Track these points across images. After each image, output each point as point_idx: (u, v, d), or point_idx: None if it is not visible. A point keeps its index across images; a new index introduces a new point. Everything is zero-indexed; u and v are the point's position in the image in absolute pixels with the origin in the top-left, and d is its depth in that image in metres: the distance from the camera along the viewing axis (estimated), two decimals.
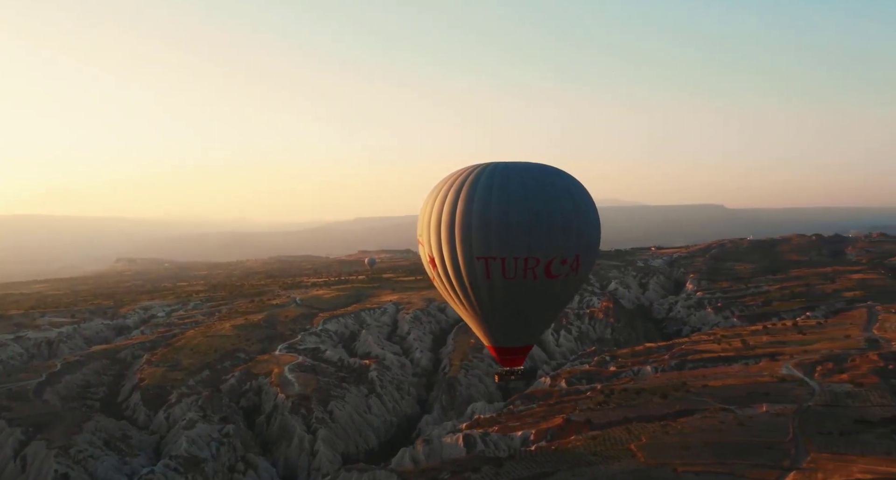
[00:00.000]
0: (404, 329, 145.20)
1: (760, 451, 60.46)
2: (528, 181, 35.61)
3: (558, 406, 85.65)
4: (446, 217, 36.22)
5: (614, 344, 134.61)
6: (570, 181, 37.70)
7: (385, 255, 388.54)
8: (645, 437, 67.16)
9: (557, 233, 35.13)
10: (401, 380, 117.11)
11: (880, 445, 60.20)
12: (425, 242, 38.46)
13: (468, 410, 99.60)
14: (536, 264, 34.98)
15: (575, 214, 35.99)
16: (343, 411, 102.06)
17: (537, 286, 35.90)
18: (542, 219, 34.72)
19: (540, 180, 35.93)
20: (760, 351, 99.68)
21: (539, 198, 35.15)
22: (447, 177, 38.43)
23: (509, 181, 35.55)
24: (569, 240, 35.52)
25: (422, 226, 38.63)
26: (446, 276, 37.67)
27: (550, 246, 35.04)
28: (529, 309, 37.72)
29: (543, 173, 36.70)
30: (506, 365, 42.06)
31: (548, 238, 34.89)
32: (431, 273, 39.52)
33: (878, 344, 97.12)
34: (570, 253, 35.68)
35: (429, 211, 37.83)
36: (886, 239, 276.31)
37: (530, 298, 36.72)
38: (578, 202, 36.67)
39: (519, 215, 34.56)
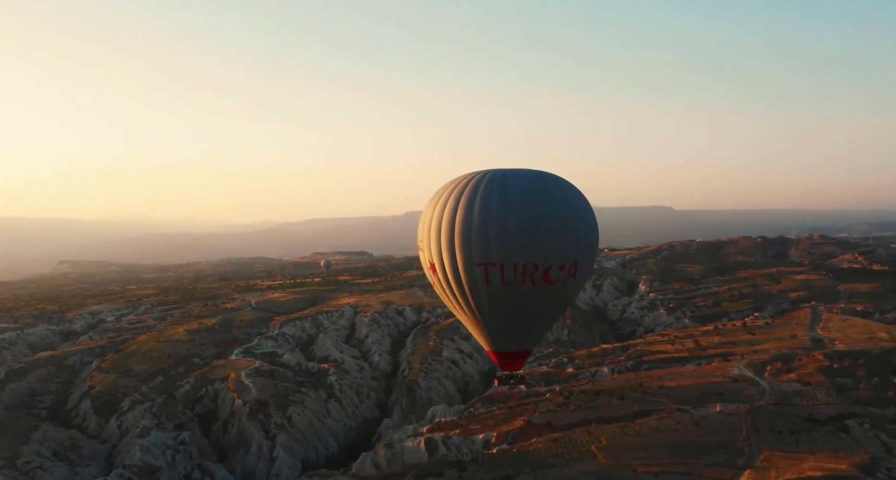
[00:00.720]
0: (362, 332, 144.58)
1: (716, 450, 62.28)
2: (526, 188, 36.14)
3: (518, 408, 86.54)
4: (446, 223, 36.68)
5: (571, 346, 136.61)
6: (568, 188, 38.28)
7: (340, 257, 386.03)
8: (605, 438, 68.49)
9: (555, 239, 35.67)
10: (360, 384, 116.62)
11: (828, 443, 62.69)
12: (425, 248, 38.93)
13: (428, 413, 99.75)
14: (535, 270, 35.47)
15: (573, 221, 36.57)
16: (302, 416, 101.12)
17: (536, 292, 36.41)
18: (539, 226, 35.25)
19: (538, 187, 36.51)
20: (712, 351, 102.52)
21: (537, 205, 35.69)
22: (447, 184, 38.86)
23: (508, 188, 36.03)
24: (566, 246, 36.08)
25: (422, 232, 39.08)
26: (446, 282, 38.09)
27: (548, 252, 35.58)
28: (528, 315, 38.23)
29: (542, 180, 37.28)
30: (505, 369, 42.64)
31: (546, 244, 35.43)
32: (431, 278, 39.95)
33: (822, 344, 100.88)
34: (568, 259, 36.24)
35: (429, 217, 38.22)
36: (826, 240, 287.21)
37: (529, 304, 37.28)
38: (576, 209, 37.28)
39: (517, 222, 35.09)
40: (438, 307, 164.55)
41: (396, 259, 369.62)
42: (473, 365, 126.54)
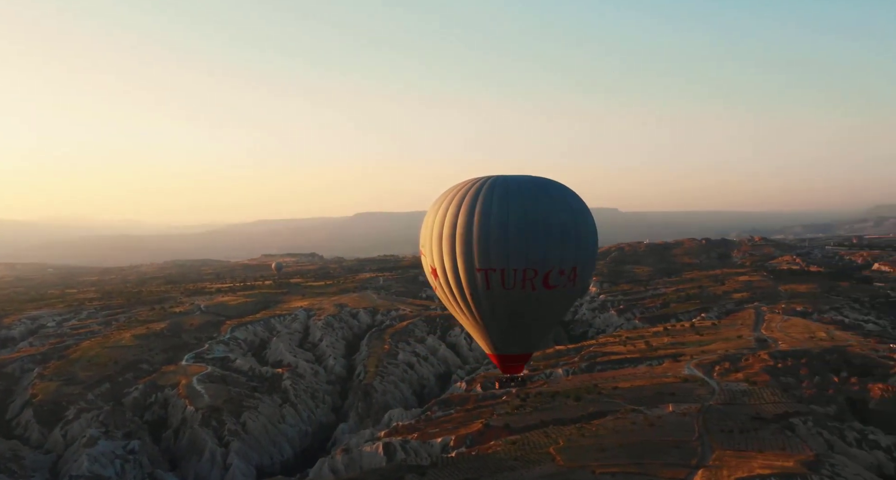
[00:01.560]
0: (316, 335, 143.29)
1: (670, 450, 63.92)
2: (526, 195, 36.75)
3: (476, 411, 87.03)
4: (448, 229, 37.19)
5: None
6: (568, 194, 38.95)
7: (290, 259, 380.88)
8: (562, 440, 69.46)
9: (555, 245, 36.31)
10: (315, 388, 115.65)
11: (775, 441, 65.04)
12: (427, 253, 39.39)
13: (385, 417, 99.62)
14: (535, 275, 36.07)
15: (572, 227, 37.26)
16: (256, 422, 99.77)
17: (536, 296, 36.99)
18: (539, 232, 35.88)
19: (538, 194, 37.15)
20: (663, 352, 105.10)
21: (537, 212, 36.33)
22: (449, 190, 39.36)
23: (508, 194, 36.61)
24: (566, 252, 36.70)
25: (424, 238, 39.59)
26: (448, 286, 38.53)
27: (548, 258, 36.19)
28: (529, 319, 38.79)
29: (542, 187, 37.93)
30: (506, 372, 43.18)
31: (545, 250, 36.05)
32: (433, 283, 40.40)
33: (766, 344, 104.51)
34: (567, 264, 36.88)
35: (430, 223, 38.72)
36: (766, 242, 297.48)
37: (529, 308, 37.83)
38: (576, 215, 38.02)
39: (517, 228, 35.64)
40: (393, 309, 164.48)
41: (348, 261, 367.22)
42: (429, 367, 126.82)
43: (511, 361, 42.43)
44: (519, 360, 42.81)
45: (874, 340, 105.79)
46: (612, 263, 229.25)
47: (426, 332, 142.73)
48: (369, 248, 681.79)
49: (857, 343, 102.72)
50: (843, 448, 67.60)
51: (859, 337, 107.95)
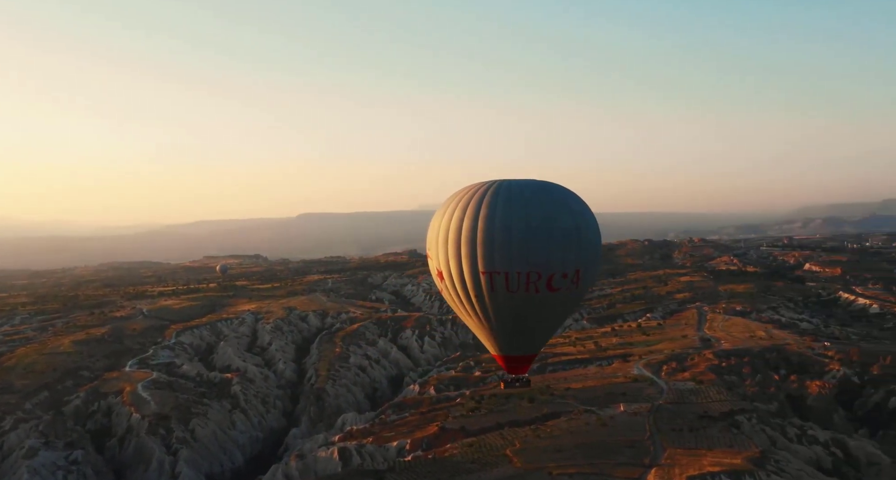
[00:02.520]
0: (265, 339, 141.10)
1: (624, 450, 65.48)
2: (530, 199, 37.40)
3: (431, 413, 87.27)
4: (453, 233, 37.81)
5: (476, 349, 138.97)
6: (571, 198, 39.59)
7: (234, 261, 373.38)
8: (518, 442, 70.30)
9: (557, 249, 37.02)
10: (266, 393, 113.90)
11: (723, 438, 67.36)
12: (433, 256, 40.10)
13: (338, 422, 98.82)
14: (538, 278, 36.78)
15: (575, 231, 37.91)
16: (206, 429, 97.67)
17: (539, 299, 37.69)
18: (542, 236, 36.53)
19: (542, 198, 37.84)
20: (612, 352, 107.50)
21: (540, 216, 36.96)
22: (455, 194, 39.91)
23: (512, 199, 37.21)
24: (568, 255, 37.41)
25: (430, 241, 40.34)
26: (453, 289, 39.26)
27: (551, 261, 36.89)
28: (532, 321, 39.46)
29: (546, 191, 38.62)
30: (511, 372, 43.95)
31: (548, 254, 36.75)
32: (439, 285, 40.99)
33: (710, 343, 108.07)
34: (570, 267, 37.61)
35: (436, 226, 39.39)
36: (705, 243, 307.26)
37: (533, 310, 38.50)
38: (579, 219, 38.68)
39: (520, 233, 36.32)
40: (343, 312, 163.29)
41: (293, 262, 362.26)
42: (381, 370, 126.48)
43: (516, 362, 43.32)
44: (524, 361, 43.67)
45: (809, 338, 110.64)
46: None
47: (377, 335, 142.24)
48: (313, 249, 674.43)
49: (793, 341, 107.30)
50: (784, 443, 70.49)
51: (795, 336, 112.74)
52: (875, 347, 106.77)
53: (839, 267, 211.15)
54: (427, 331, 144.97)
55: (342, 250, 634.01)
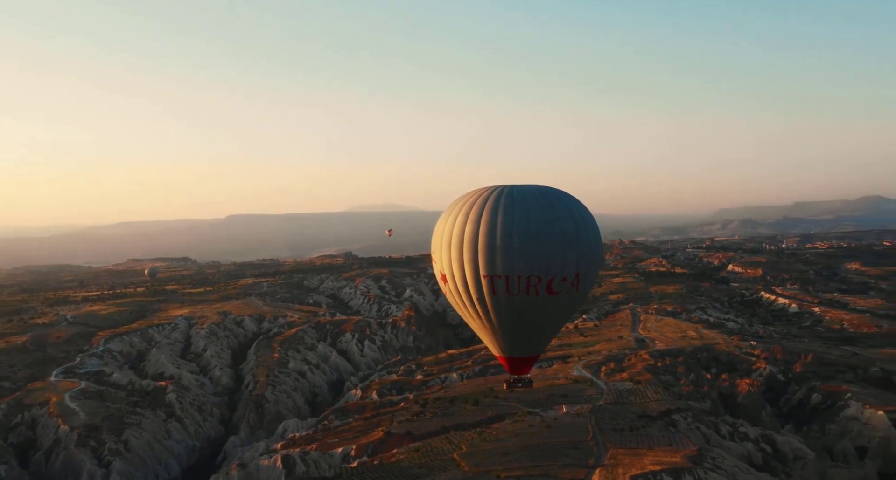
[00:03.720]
0: (199, 345, 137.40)
1: (568, 451, 66.91)
2: (530, 204, 38.19)
3: (375, 419, 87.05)
4: (456, 238, 38.69)
5: (417, 353, 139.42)
6: (572, 203, 40.33)
7: (161, 264, 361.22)
8: (465, 446, 70.89)
9: (557, 254, 37.83)
10: (202, 401, 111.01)
11: (662, 437, 69.71)
12: (437, 259, 41.02)
13: (279, 428, 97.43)
14: (538, 282, 37.70)
15: (575, 236, 38.72)
16: (140, 439, 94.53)
17: (540, 302, 38.56)
18: (542, 241, 37.34)
19: (542, 203, 38.62)
20: (552, 353, 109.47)
21: (540, 221, 37.78)
22: (459, 199, 40.51)
23: (513, 204, 38.01)
24: (568, 260, 38.23)
25: (434, 245, 41.35)
26: (456, 292, 40.19)
27: (551, 265, 37.74)
28: (534, 323, 40.34)
29: (547, 197, 39.44)
30: (514, 373, 45.17)
31: (548, 258, 37.58)
32: (443, 288, 42.04)
33: (645, 344, 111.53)
34: (570, 271, 38.48)
35: (440, 231, 40.26)
36: (635, 245, 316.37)
37: (534, 313, 39.36)
38: (579, 224, 39.45)
39: (521, 238, 37.15)
40: (280, 316, 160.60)
41: (225, 265, 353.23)
42: (321, 375, 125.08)
43: (518, 363, 44.44)
44: (526, 362, 44.87)
45: (737, 338, 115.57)
46: None
47: (316, 339, 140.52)
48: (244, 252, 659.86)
49: (722, 341, 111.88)
50: (718, 440, 73.43)
51: (724, 336, 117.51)
52: (796, 345, 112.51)
53: (760, 269, 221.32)
54: (367, 335, 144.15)
55: (274, 252, 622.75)
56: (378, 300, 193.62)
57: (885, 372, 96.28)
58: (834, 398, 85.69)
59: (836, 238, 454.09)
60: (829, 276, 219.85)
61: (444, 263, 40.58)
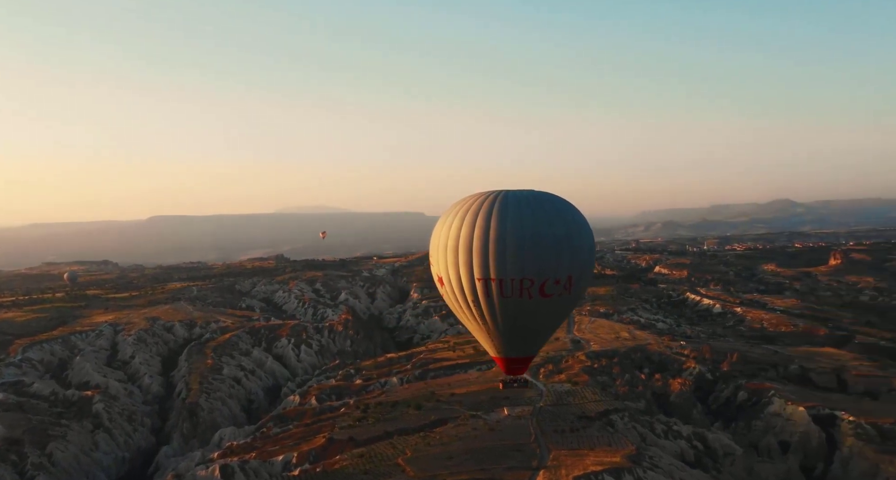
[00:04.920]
0: (127, 352, 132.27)
1: (512, 454, 67.95)
2: (523, 210, 39.12)
3: (316, 425, 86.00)
4: (451, 241, 39.83)
5: (355, 357, 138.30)
6: (564, 208, 41.30)
7: (80, 268, 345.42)
8: (409, 451, 70.99)
9: (549, 257, 38.68)
10: (131, 411, 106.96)
11: (602, 438, 71.66)
12: (434, 263, 42.14)
13: (215, 437, 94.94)
14: (531, 285, 38.67)
15: (566, 240, 39.60)
16: (66, 452, 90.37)
17: (533, 304, 39.49)
18: (534, 245, 38.34)
19: (536, 209, 39.56)
20: (489, 357, 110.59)
21: (532, 225, 38.76)
22: (457, 204, 41.55)
23: (506, 209, 39.00)
24: (560, 263, 39.06)
25: (432, 248, 42.38)
26: (452, 294, 41.39)
27: (542, 268, 38.68)
28: (528, 325, 41.21)
29: (540, 202, 40.42)
30: (509, 373, 45.97)
31: (539, 261, 38.52)
32: (441, 290, 42.97)
33: (580, 345, 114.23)
34: (562, 274, 39.36)
35: (437, 235, 41.46)
36: None
37: (527, 315, 40.27)
38: (571, 228, 40.40)
39: (513, 241, 38.16)
40: (212, 321, 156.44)
41: (149, 268, 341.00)
42: (257, 381, 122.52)
43: (514, 364, 45.18)
44: (521, 363, 45.65)
45: (667, 338, 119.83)
46: (429, 268, 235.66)
47: (251, 345, 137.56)
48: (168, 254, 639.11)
49: (654, 341, 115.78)
50: (653, 439, 76.10)
51: (655, 336, 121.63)
52: (722, 344, 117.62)
53: (685, 270, 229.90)
54: (303, 339, 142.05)
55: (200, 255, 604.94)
56: (313, 304, 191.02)
57: (803, 370, 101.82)
58: (758, 395, 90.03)
59: (751, 240, 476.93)
60: (748, 277, 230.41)
61: (440, 266, 41.63)
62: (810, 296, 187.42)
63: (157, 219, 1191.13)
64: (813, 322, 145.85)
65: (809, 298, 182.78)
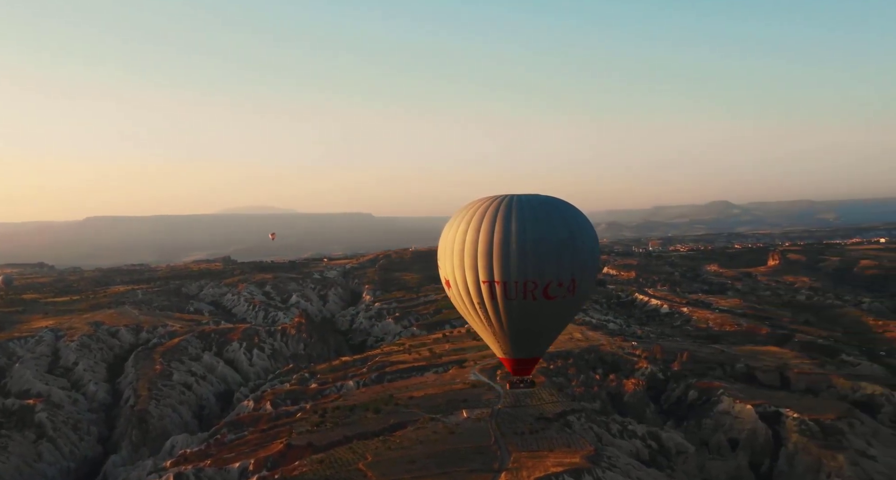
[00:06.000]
0: (70, 359, 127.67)
1: (474, 456, 68.35)
2: (526, 213, 40.21)
3: (273, 430, 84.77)
4: (458, 245, 40.93)
5: (309, 360, 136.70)
6: (568, 212, 42.20)
7: (13, 270, 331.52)
8: (370, 455, 70.65)
9: (551, 260, 39.59)
10: (76, 419, 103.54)
11: (560, 438, 72.78)
12: (441, 266, 43.03)
13: (167, 445, 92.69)
14: (535, 287, 39.63)
15: (570, 242, 40.51)
16: (7, 463, 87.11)
17: (537, 306, 40.38)
18: (537, 248, 39.31)
19: (538, 212, 40.65)
20: (447, 358, 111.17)
21: (535, 228, 39.78)
22: (464, 208, 42.83)
23: (510, 213, 40.16)
24: (563, 265, 39.96)
25: (440, 252, 43.47)
26: (459, 297, 42.35)
27: (546, 271, 39.58)
28: (532, 326, 42.10)
29: (544, 205, 41.61)
30: (516, 374, 46.73)
31: (542, 264, 39.49)
32: (448, 292, 43.94)
33: None
34: (565, 276, 40.19)
35: (444, 238, 42.55)
36: None
37: (532, 317, 41.15)
38: (574, 231, 41.22)
39: (516, 244, 39.26)
40: (160, 326, 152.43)
41: (88, 271, 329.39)
42: (208, 387, 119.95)
43: (520, 364, 46.04)
44: (528, 364, 46.57)
45: (619, 338, 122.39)
46: (382, 271, 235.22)
47: (201, 349, 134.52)
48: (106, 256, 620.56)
49: (606, 342, 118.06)
50: (609, 439, 77.68)
51: (607, 336, 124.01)
52: (671, 344, 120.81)
53: (633, 271, 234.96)
54: (255, 343, 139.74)
55: (140, 256, 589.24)
56: (264, 306, 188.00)
57: (748, 368, 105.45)
58: (708, 394, 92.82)
59: (692, 240, 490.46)
60: (693, 278, 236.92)
61: (447, 269, 42.69)
62: (751, 296, 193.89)
63: (94, 220, 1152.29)
64: (755, 321, 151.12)
65: (751, 298, 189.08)
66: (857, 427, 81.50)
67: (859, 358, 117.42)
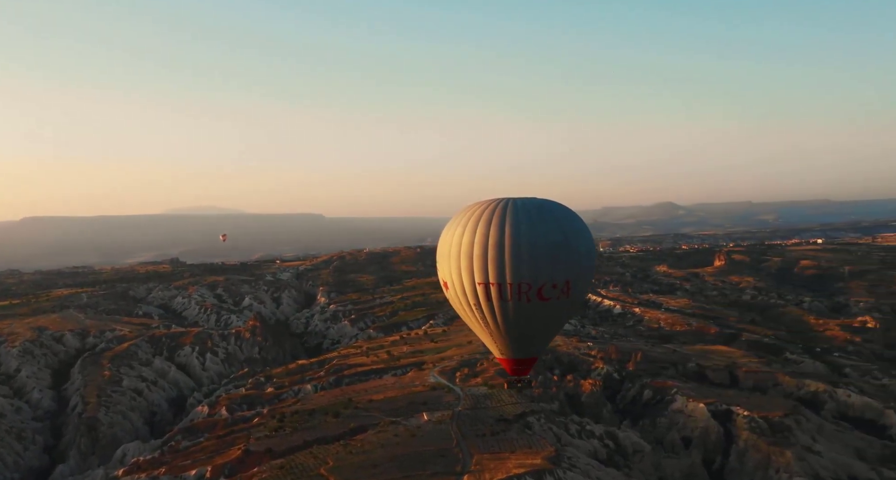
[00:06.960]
0: (11, 365, 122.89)
1: (436, 459, 68.50)
2: (521, 216, 40.92)
3: (230, 436, 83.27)
4: (454, 247, 41.89)
5: (265, 364, 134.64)
6: (563, 215, 42.83)
7: None
8: (331, 460, 70.11)
9: (546, 262, 40.22)
10: (20, 428, 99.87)
11: (521, 440, 73.53)
12: (440, 268, 43.85)
13: (117, 453, 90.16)
14: (529, 289, 40.32)
15: (564, 245, 41.12)
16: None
17: (532, 308, 41.05)
18: (531, 250, 39.97)
19: (532, 215, 41.29)
20: (405, 361, 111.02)
21: (529, 231, 40.41)
22: (462, 211, 43.54)
23: (504, 216, 40.92)
24: (557, 267, 40.55)
25: (438, 255, 44.30)
26: (456, 298, 43.15)
27: (539, 273, 40.19)
28: (528, 328, 42.67)
29: (539, 209, 42.29)
30: (513, 374, 47.40)
31: (536, 266, 40.13)
32: (446, 293, 44.72)
33: None
34: (559, 278, 40.77)
35: (443, 241, 43.47)
36: None
37: (527, 318, 41.78)
38: (568, 234, 41.81)
39: (510, 247, 39.95)
40: (108, 330, 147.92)
41: (28, 273, 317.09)
42: (160, 392, 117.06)
43: (518, 365, 46.58)
44: (525, 364, 47.10)
45: (575, 339, 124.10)
46: (336, 272, 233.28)
47: (151, 354, 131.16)
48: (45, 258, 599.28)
49: (562, 342, 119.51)
50: (568, 439, 78.84)
51: (563, 337, 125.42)
52: (625, 344, 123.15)
53: None
54: (209, 347, 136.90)
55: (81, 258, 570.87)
56: (216, 310, 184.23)
57: (700, 367, 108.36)
58: (662, 393, 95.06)
59: (641, 241, 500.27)
60: (643, 278, 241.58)
61: (444, 271, 43.59)
62: (700, 296, 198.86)
63: (31, 220, 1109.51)
64: (704, 321, 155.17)
65: (699, 298, 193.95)
66: (803, 423, 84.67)
67: (802, 356, 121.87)
